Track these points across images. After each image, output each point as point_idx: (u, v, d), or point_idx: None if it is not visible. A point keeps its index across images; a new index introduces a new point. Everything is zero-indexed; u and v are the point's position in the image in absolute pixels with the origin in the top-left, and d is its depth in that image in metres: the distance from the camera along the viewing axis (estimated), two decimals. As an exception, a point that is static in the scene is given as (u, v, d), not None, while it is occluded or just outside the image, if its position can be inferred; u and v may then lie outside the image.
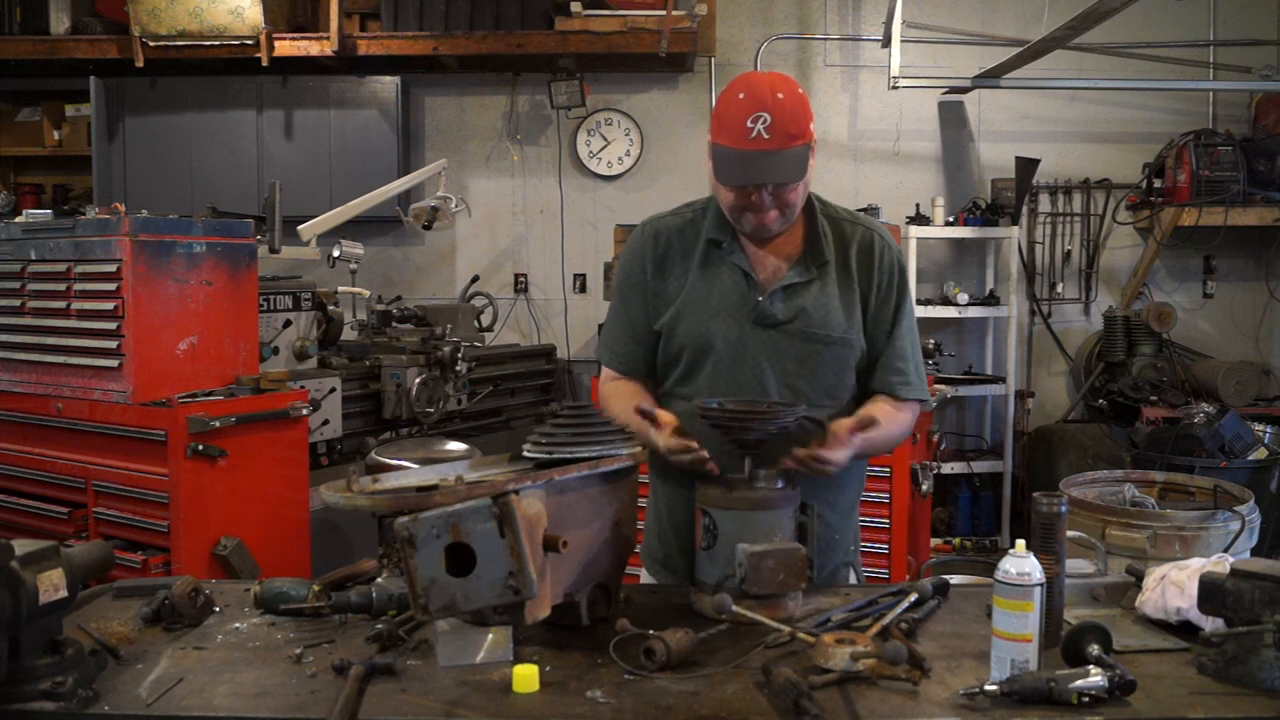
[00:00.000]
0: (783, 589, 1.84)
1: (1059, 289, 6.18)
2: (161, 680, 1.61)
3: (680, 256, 2.16)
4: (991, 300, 5.92)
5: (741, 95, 1.96)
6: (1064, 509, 1.74)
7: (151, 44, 5.69)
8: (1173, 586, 1.80)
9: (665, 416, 1.98)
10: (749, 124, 1.93)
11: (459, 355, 4.54)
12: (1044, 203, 6.15)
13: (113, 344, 3.24)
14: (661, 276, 2.16)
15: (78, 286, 3.33)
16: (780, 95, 1.94)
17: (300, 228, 4.61)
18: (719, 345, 2.09)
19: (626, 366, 2.22)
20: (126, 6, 5.63)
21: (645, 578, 2.28)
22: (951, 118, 6.20)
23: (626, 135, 6.22)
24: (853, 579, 2.26)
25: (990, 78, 5.58)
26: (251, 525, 3.31)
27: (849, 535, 2.24)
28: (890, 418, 2.11)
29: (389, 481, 1.82)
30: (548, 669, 1.63)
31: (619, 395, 2.19)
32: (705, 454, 1.92)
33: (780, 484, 1.90)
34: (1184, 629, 1.78)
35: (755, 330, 2.08)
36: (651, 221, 2.24)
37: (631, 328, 2.21)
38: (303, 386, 3.69)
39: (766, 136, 1.93)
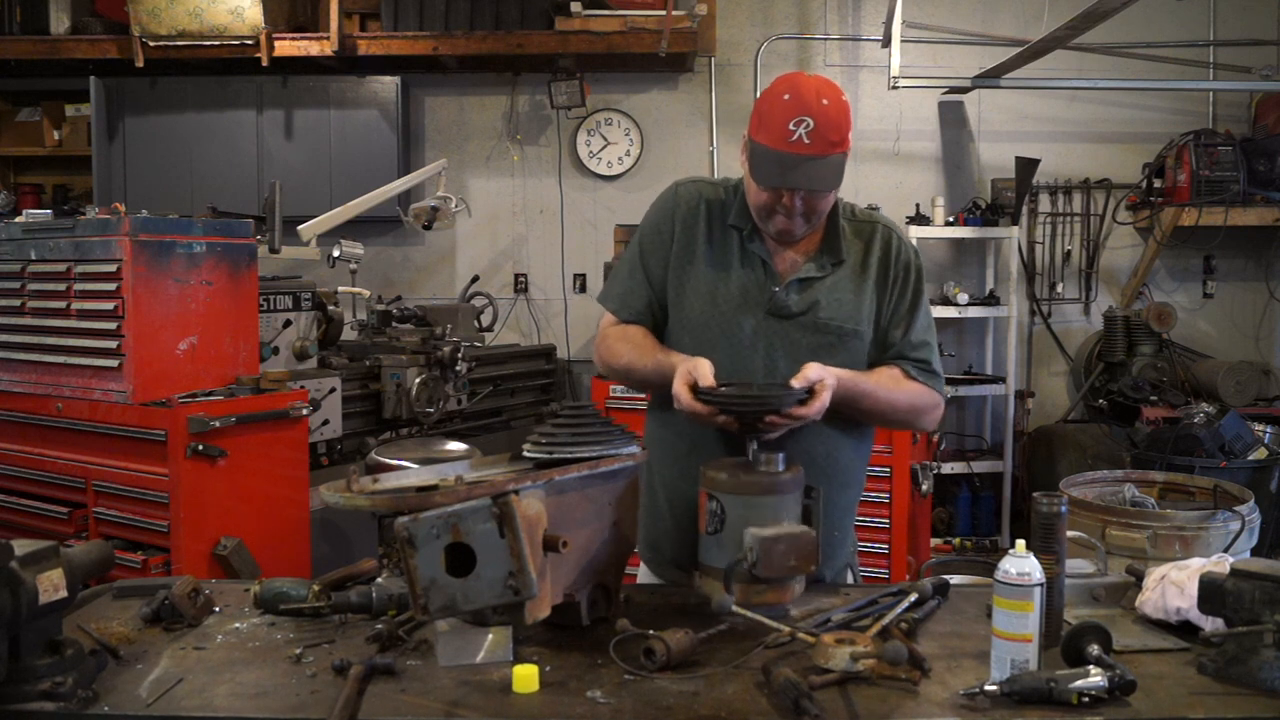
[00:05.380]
0: (793, 573, 1.83)
1: (1059, 289, 6.19)
2: (161, 680, 1.61)
3: (705, 228, 2.15)
4: (991, 300, 5.92)
5: (787, 96, 1.95)
6: (1064, 509, 1.74)
7: (151, 44, 5.69)
8: (1173, 586, 1.80)
9: (704, 370, 1.96)
10: (791, 126, 1.93)
11: (459, 355, 4.54)
12: (1044, 203, 6.15)
13: (113, 344, 3.24)
14: (687, 238, 2.16)
15: (78, 286, 3.33)
16: (825, 101, 1.94)
17: (300, 228, 4.60)
18: (733, 332, 2.09)
19: (635, 317, 2.21)
20: (126, 6, 5.63)
21: (644, 576, 2.27)
22: (951, 118, 6.20)
23: (626, 135, 6.22)
24: (850, 579, 2.26)
25: (990, 78, 5.58)
26: (251, 525, 3.31)
27: (846, 537, 2.24)
28: (894, 379, 2.12)
29: (389, 481, 1.82)
30: (548, 669, 1.63)
31: (627, 339, 2.18)
32: (725, 417, 1.92)
33: (781, 466, 1.89)
34: (1184, 629, 1.77)
35: (770, 320, 2.09)
36: (687, 184, 2.22)
37: (648, 280, 2.19)
38: (303, 386, 3.68)
39: (807, 141, 1.93)
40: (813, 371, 1.94)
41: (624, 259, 2.27)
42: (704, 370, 1.96)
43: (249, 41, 5.67)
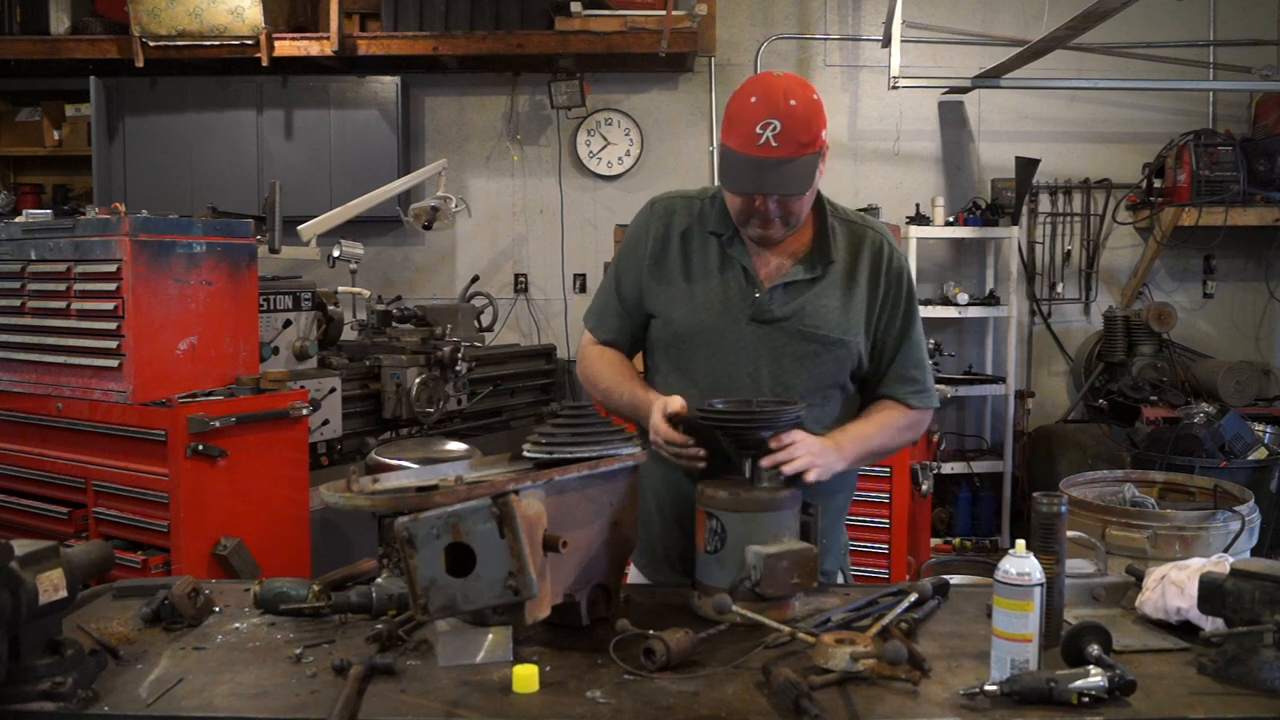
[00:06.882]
0: (795, 590, 1.84)
1: (1059, 289, 6.19)
2: (161, 680, 1.61)
3: (682, 242, 2.14)
4: (991, 300, 5.92)
5: (754, 99, 1.93)
6: (1064, 509, 1.74)
7: (151, 44, 5.69)
8: (1173, 586, 1.80)
9: (675, 404, 1.96)
10: (758, 130, 1.90)
11: (459, 355, 4.54)
12: (1044, 203, 6.16)
13: (113, 344, 3.24)
14: (661, 258, 2.14)
15: (78, 286, 3.32)
16: (793, 102, 1.91)
17: (300, 228, 4.60)
18: (716, 340, 2.08)
19: (611, 337, 2.23)
20: (126, 6, 5.63)
21: (635, 579, 2.26)
22: (951, 118, 6.20)
23: (626, 135, 6.22)
24: (840, 580, 2.25)
25: (990, 78, 5.58)
26: (251, 525, 3.31)
27: (837, 540, 2.24)
28: (885, 426, 2.12)
29: (389, 481, 1.82)
30: (548, 669, 1.63)
31: (607, 363, 2.20)
32: (701, 452, 1.92)
33: (782, 483, 1.89)
34: (1184, 629, 1.77)
35: (752, 326, 2.07)
36: (662, 199, 2.22)
37: (621, 302, 2.20)
38: (303, 386, 3.68)
39: (775, 145, 1.90)
40: (804, 449, 1.90)
41: (605, 279, 2.29)
42: (674, 406, 1.96)
43: (249, 41, 5.67)
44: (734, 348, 2.07)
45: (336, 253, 4.65)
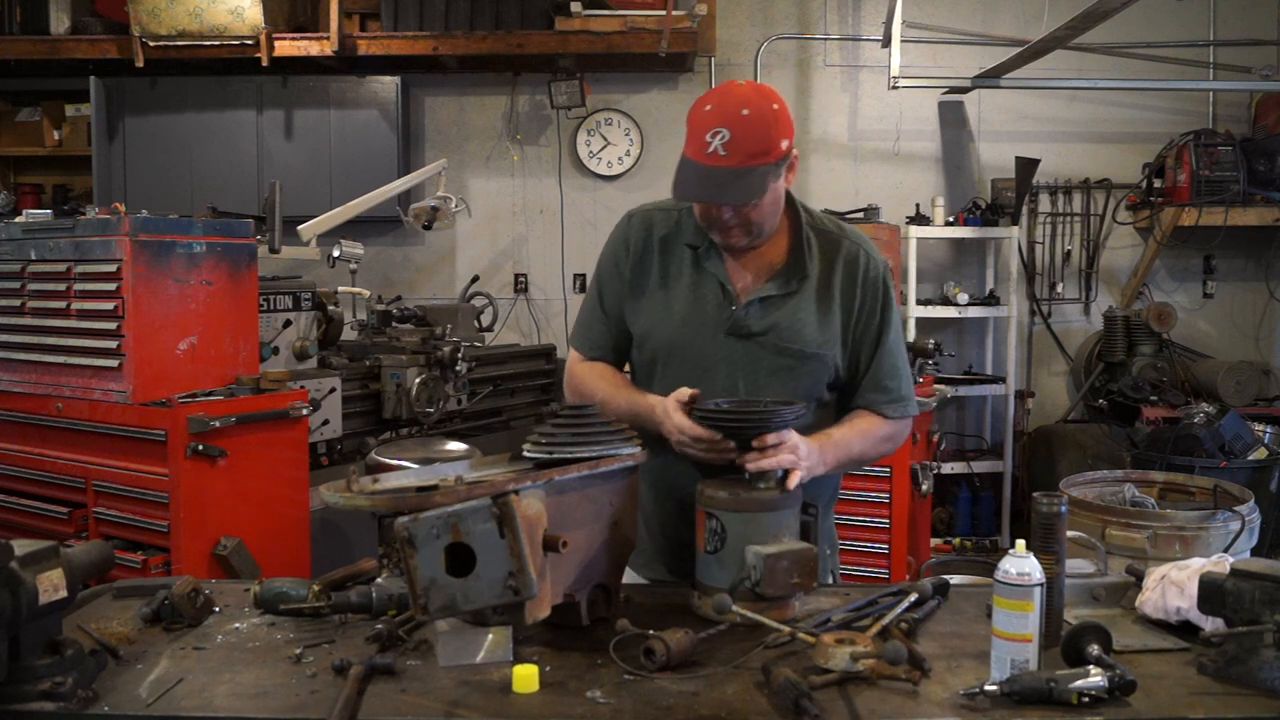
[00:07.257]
0: (795, 590, 1.84)
1: (1059, 289, 6.19)
2: (161, 680, 1.61)
3: (660, 254, 2.13)
4: (991, 300, 5.92)
5: (708, 107, 1.92)
6: (1064, 509, 1.74)
7: (151, 44, 5.70)
8: (1173, 586, 1.80)
9: (686, 394, 1.95)
10: (708, 139, 1.89)
11: (459, 355, 4.54)
12: (1044, 203, 6.16)
13: (113, 344, 3.23)
14: (640, 270, 2.14)
15: (78, 286, 3.32)
16: (746, 111, 1.89)
17: (300, 228, 4.60)
18: (692, 353, 2.07)
19: (598, 352, 2.22)
20: (126, 6, 5.64)
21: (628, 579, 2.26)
22: (951, 118, 6.20)
23: (626, 135, 6.23)
24: (830, 581, 2.25)
25: (990, 78, 5.58)
26: (251, 525, 3.30)
27: (827, 539, 2.24)
28: (866, 435, 2.11)
29: (389, 481, 1.82)
30: (548, 669, 1.63)
31: (598, 375, 2.19)
32: (731, 444, 1.89)
33: (779, 483, 1.89)
34: (1184, 629, 1.77)
35: (729, 340, 2.06)
36: (639, 212, 2.21)
37: (605, 316, 2.20)
38: (303, 386, 3.68)
39: (723, 154, 1.88)
40: (787, 450, 1.89)
41: (587, 294, 2.28)
42: (685, 396, 1.95)
43: (249, 41, 5.67)
44: (711, 361, 2.07)
45: (336, 253, 4.65)
